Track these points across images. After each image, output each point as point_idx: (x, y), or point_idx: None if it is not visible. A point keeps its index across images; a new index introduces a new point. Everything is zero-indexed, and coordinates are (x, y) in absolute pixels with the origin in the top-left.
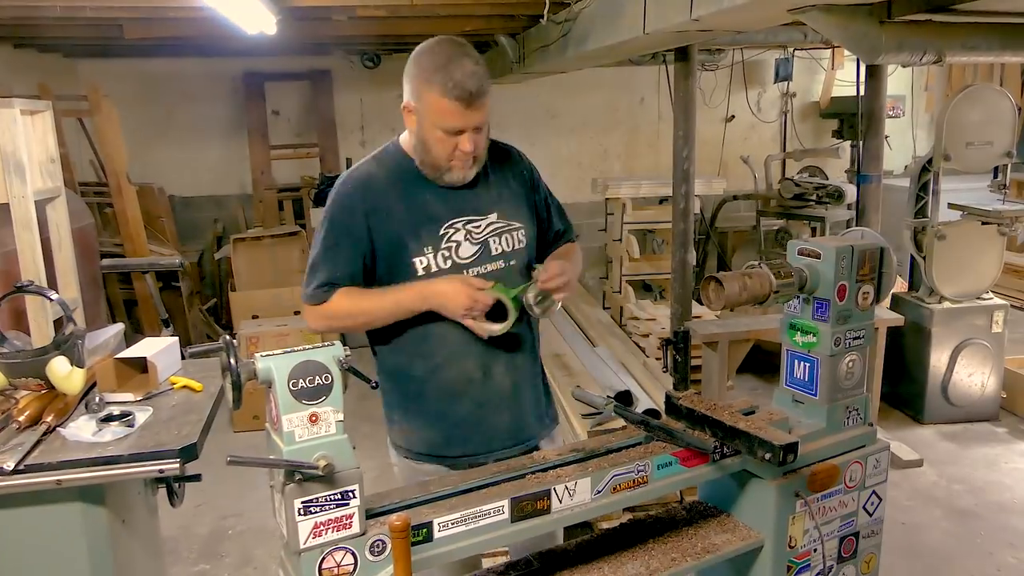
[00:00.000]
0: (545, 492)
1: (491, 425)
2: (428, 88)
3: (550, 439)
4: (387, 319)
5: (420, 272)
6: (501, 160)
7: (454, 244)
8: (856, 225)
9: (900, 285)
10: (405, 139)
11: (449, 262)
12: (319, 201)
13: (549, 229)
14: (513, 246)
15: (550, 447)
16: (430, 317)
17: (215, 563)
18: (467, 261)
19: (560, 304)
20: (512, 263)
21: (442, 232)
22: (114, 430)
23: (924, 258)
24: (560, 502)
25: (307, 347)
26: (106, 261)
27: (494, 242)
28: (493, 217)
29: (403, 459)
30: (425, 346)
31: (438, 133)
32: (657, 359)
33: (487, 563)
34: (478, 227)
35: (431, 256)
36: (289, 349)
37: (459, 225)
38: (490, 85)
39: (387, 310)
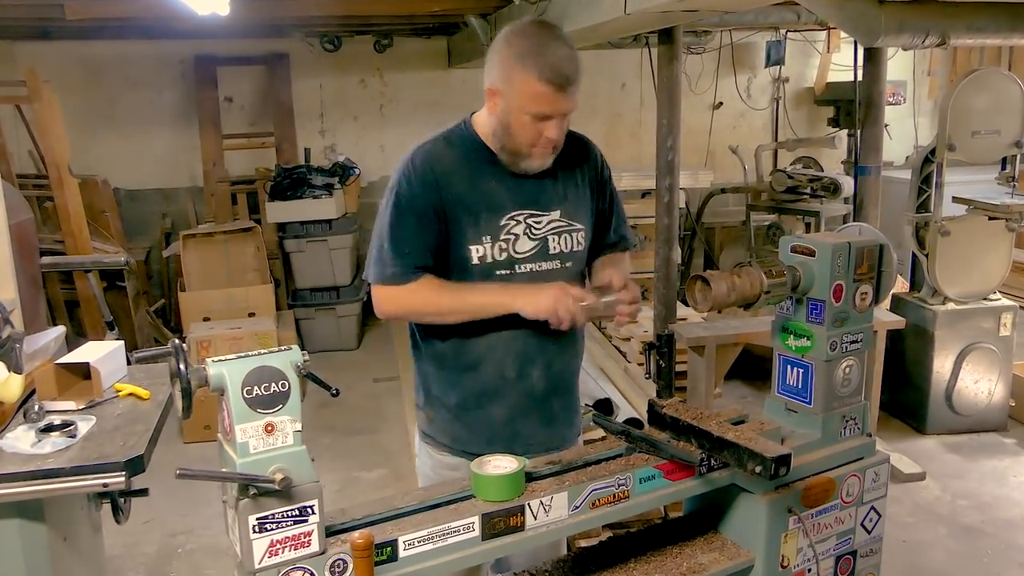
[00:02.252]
0: (519, 508)
1: (518, 430)
2: (521, 70)
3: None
4: (468, 318)
5: (475, 261)
6: (573, 153)
7: (513, 237)
8: (853, 220)
9: (901, 285)
10: (479, 120)
11: (505, 254)
12: (275, 194)
13: (607, 234)
14: (572, 247)
15: None
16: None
17: None
18: (523, 256)
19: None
20: (568, 264)
21: (503, 223)
22: (55, 441)
23: (927, 256)
24: (535, 518)
25: (262, 352)
26: (46, 259)
27: (553, 240)
28: (556, 215)
29: (425, 445)
30: (468, 337)
31: (525, 118)
32: (639, 365)
33: None
34: (539, 223)
35: (488, 246)
36: (243, 354)
37: (520, 218)
38: (582, 72)
39: (473, 306)
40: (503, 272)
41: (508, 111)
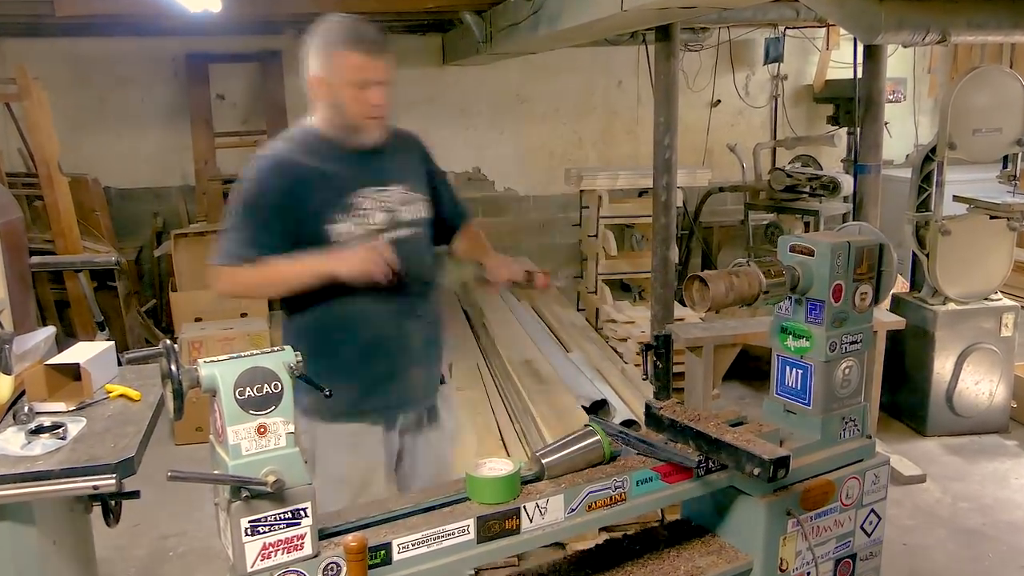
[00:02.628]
0: (514, 511)
1: (406, 379)
2: (335, 49)
3: (444, 399)
4: (298, 287)
5: (335, 238)
6: (403, 140)
7: (366, 212)
8: (853, 219)
9: (901, 285)
10: (312, 120)
11: (362, 228)
12: None
13: (449, 206)
14: (419, 215)
15: (444, 407)
16: (335, 297)
17: None
18: (380, 226)
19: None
20: (420, 231)
21: (353, 201)
22: (44, 443)
23: (927, 255)
24: (531, 521)
25: (255, 352)
26: (36, 259)
27: (404, 210)
28: (399, 188)
29: (314, 423)
30: (339, 305)
31: (351, 91)
32: (636, 365)
33: None
34: (387, 195)
35: (345, 224)
36: (235, 355)
37: (368, 193)
38: (391, 50)
39: (295, 276)
40: (362, 243)
41: (335, 90)
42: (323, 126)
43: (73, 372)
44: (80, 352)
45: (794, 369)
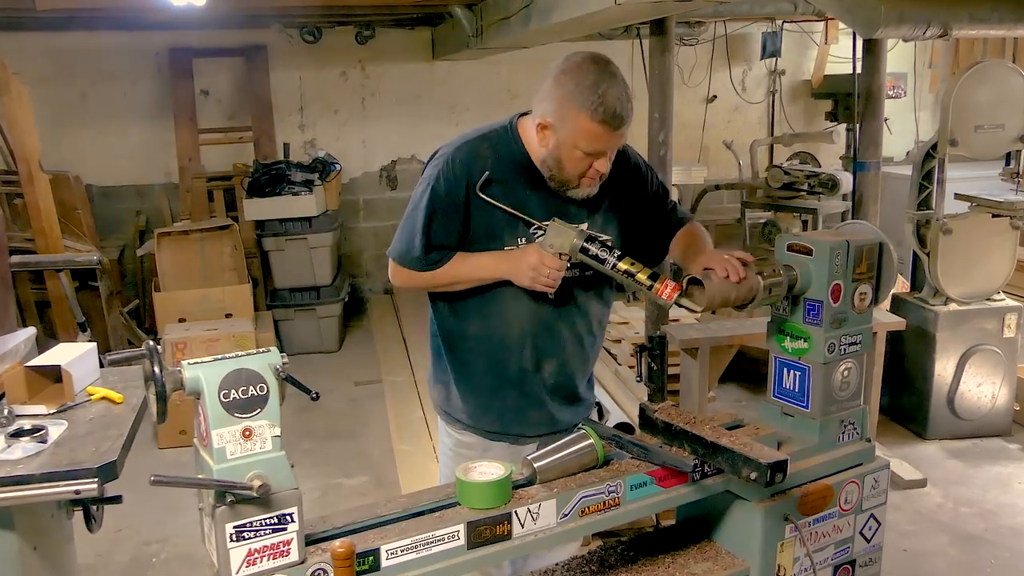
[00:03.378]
0: (505, 516)
1: (529, 417)
2: (576, 110)
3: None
4: (472, 282)
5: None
6: (617, 167)
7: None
8: (852, 218)
9: (901, 285)
10: (526, 127)
11: None
12: (253, 191)
13: (666, 212)
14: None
15: None
16: (499, 295)
17: None
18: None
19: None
20: (588, 273)
21: (534, 231)
22: (24, 446)
23: (928, 255)
24: (522, 526)
25: (240, 354)
26: (16, 258)
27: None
28: (584, 225)
29: (445, 425)
30: (486, 322)
31: (577, 153)
32: (630, 367)
33: None
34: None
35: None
36: (220, 356)
37: (556, 222)
38: (633, 108)
39: (467, 274)
40: None
41: (559, 146)
42: (531, 147)
43: (54, 374)
44: (61, 354)
45: (792, 371)
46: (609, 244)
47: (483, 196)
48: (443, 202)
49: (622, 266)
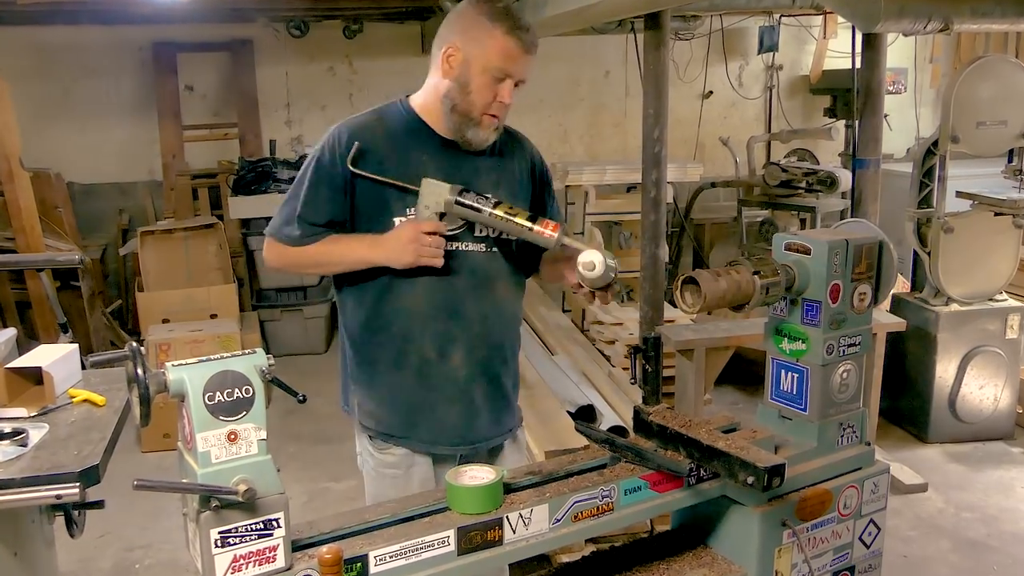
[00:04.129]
0: (496, 521)
1: (439, 417)
2: (491, 27)
3: (512, 440)
4: (341, 266)
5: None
6: (511, 145)
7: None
8: (851, 216)
9: (901, 285)
10: (416, 99)
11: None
12: (239, 189)
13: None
14: (498, 233)
15: (513, 449)
16: (393, 281)
17: None
18: (447, 233)
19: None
20: (494, 249)
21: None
22: (5, 450)
23: (929, 254)
24: (514, 532)
25: (225, 355)
26: None
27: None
28: (488, 197)
29: (366, 445)
30: (385, 310)
31: (486, 77)
32: (624, 369)
33: None
34: (466, 201)
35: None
36: (205, 358)
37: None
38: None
39: (337, 256)
40: None
41: (468, 70)
42: (425, 107)
43: (35, 376)
44: (42, 355)
45: (790, 373)
46: (487, 195)
47: (354, 170)
48: (327, 175)
49: (499, 212)
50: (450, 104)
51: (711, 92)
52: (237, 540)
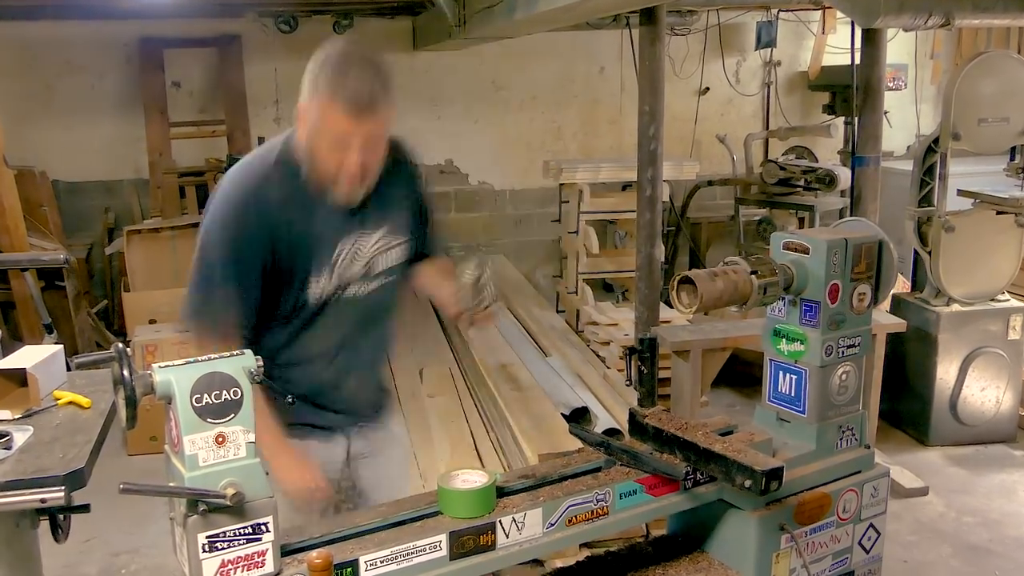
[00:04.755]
0: (489, 525)
1: (344, 393)
2: (325, 99)
3: (391, 413)
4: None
5: (311, 297)
6: (393, 166)
7: (343, 263)
8: (851, 215)
9: (902, 285)
10: (295, 145)
11: (336, 279)
12: None
13: (420, 240)
14: (396, 260)
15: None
16: (297, 332)
17: None
18: (354, 278)
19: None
20: (392, 278)
21: (336, 252)
22: None
23: (929, 253)
24: (507, 536)
25: (212, 357)
26: None
27: (381, 259)
28: (381, 233)
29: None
30: (288, 354)
31: (324, 144)
32: (619, 371)
33: None
34: (366, 243)
35: (325, 278)
36: (192, 359)
37: (348, 242)
38: (392, 97)
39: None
40: (330, 298)
41: (312, 134)
42: (305, 161)
43: (19, 378)
44: (27, 356)
45: (788, 374)
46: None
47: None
48: (244, 256)
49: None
50: (307, 170)
51: (708, 88)
52: (225, 545)
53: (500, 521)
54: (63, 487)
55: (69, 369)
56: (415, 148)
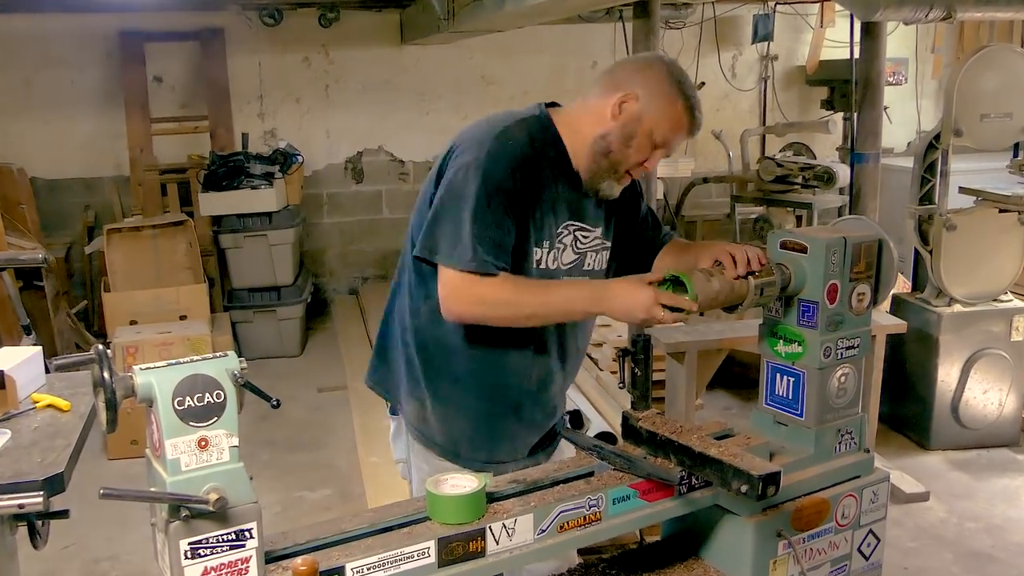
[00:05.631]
0: (479, 531)
1: (522, 443)
2: (673, 96)
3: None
4: (553, 318)
5: (534, 264)
6: None
7: (562, 246)
8: (850, 213)
9: (902, 285)
10: (561, 120)
11: (555, 262)
12: (209, 184)
13: (646, 229)
14: (601, 265)
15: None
16: None
17: None
18: (565, 268)
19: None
20: (603, 267)
21: (559, 231)
22: None
23: (930, 252)
24: (497, 543)
25: (195, 359)
26: None
27: (591, 256)
28: (599, 232)
29: (423, 449)
30: (486, 334)
31: (648, 140)
32: (612, 373)
33: None
34: (586, 237)
35: (545, 251)
36: (174, 361)
37: (571, 229)
38: None
39: (556, 308)
40: (546, 278)
41: (639, 125)
42: (570, 134)
43: None
44: (4, 358)
45: (785, 377)
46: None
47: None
48: (500, 193)
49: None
50: (605, 148)
51: (703, 83)
52: (208, 551)
53: (490, 527)
54: (42, 492)
55: (48, 371)
56: None
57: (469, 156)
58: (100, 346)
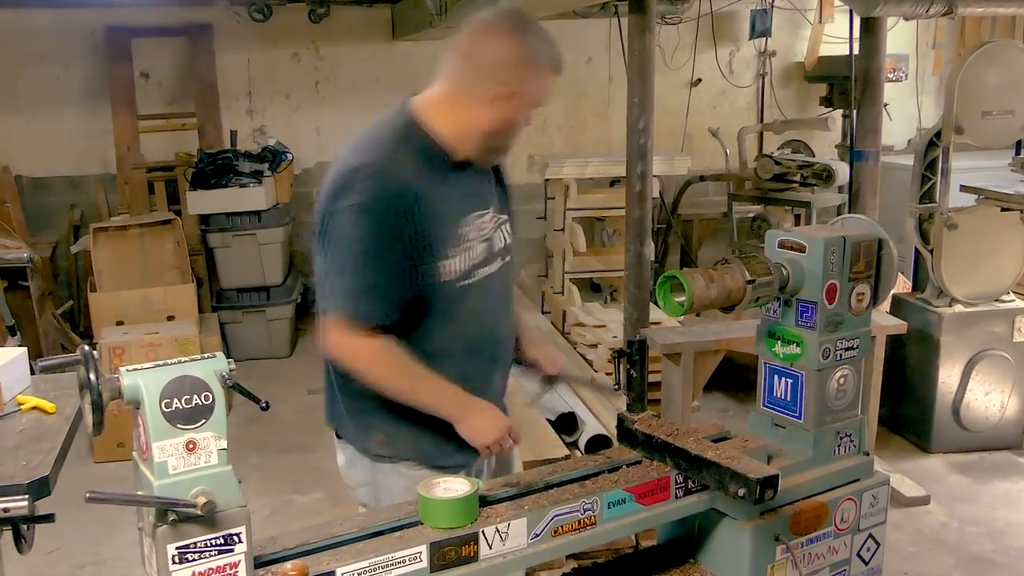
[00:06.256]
0: (472, 536)
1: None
2: (536, 67)
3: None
4: (417, 406)
5: (442, 279)
6: None
7: (468, 246)
8: (849, 212)
9: (902, 285)
10: (426, 112)
11: (465, 264)
12: (197, 183)
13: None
14: (508, 239)
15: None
16: (438, 322)
17: None
18: (479, 262)
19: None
20: (508, 259)
21: (462, 230)
22: None
23: (931, 252)
24: (490, 547)
25: (183, 360)
26: None
27: (497, 239)
28: (492, 209)
29: (392, 466)
30: (432, 343)
31: (527, 112)
32: (607, 374)
33: None
34: (483, 221)
35: (454, 260)
36: (161, 362)
37: (471, 220)
38: None
39: (422, 402)
40: (461, 284)
41: (518, 110)
42: (444, 130)
43: None
44: None
45: (783, 378)
46: None
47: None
48: (390, 236)
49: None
50: (488, 139)
51: (700, 80)
52: (196, 556)
53: (483, 531)
54: (27, 496)
55: (33, 373)
56: None
57: (353, 196)
58: (86, 347)
